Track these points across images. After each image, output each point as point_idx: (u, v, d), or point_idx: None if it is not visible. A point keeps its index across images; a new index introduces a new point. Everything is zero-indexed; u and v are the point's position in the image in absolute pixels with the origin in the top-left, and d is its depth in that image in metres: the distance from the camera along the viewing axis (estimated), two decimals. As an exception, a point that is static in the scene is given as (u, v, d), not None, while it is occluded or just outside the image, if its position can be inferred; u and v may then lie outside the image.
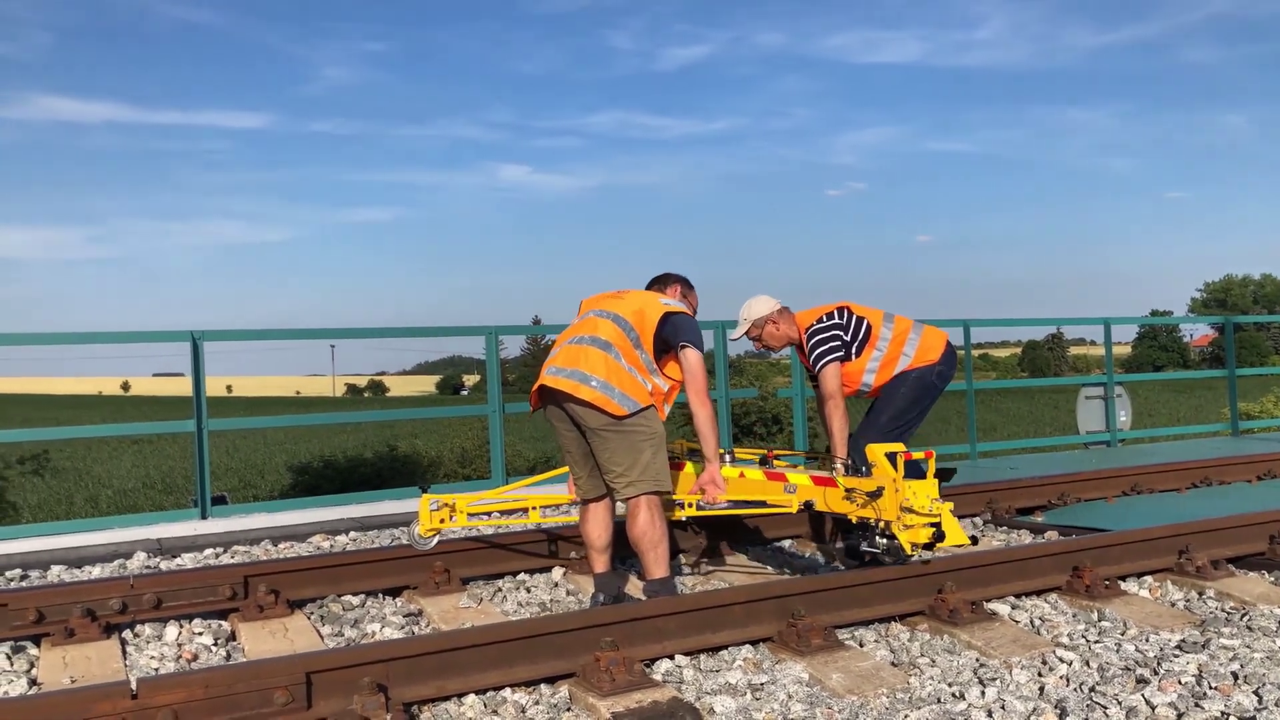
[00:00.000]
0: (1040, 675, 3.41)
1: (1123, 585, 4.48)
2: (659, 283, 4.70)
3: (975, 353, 11.24)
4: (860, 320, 5.07)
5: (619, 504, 4.36)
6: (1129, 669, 3.42)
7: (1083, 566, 4.39)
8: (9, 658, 3.85)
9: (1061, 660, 3.54)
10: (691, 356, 4.24)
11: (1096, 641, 3.76)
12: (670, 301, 4.40)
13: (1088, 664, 3.50)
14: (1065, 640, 3.79)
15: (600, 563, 4.42)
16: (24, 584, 5.10)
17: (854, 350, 5.01)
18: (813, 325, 5.08)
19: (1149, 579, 4.65)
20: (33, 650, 3.96)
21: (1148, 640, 3.74)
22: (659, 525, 4.18)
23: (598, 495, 4.39)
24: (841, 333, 5.03)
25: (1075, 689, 3.27)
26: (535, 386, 4.36)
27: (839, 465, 4.55)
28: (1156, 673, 3.37)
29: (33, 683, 3.63)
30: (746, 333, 5.20)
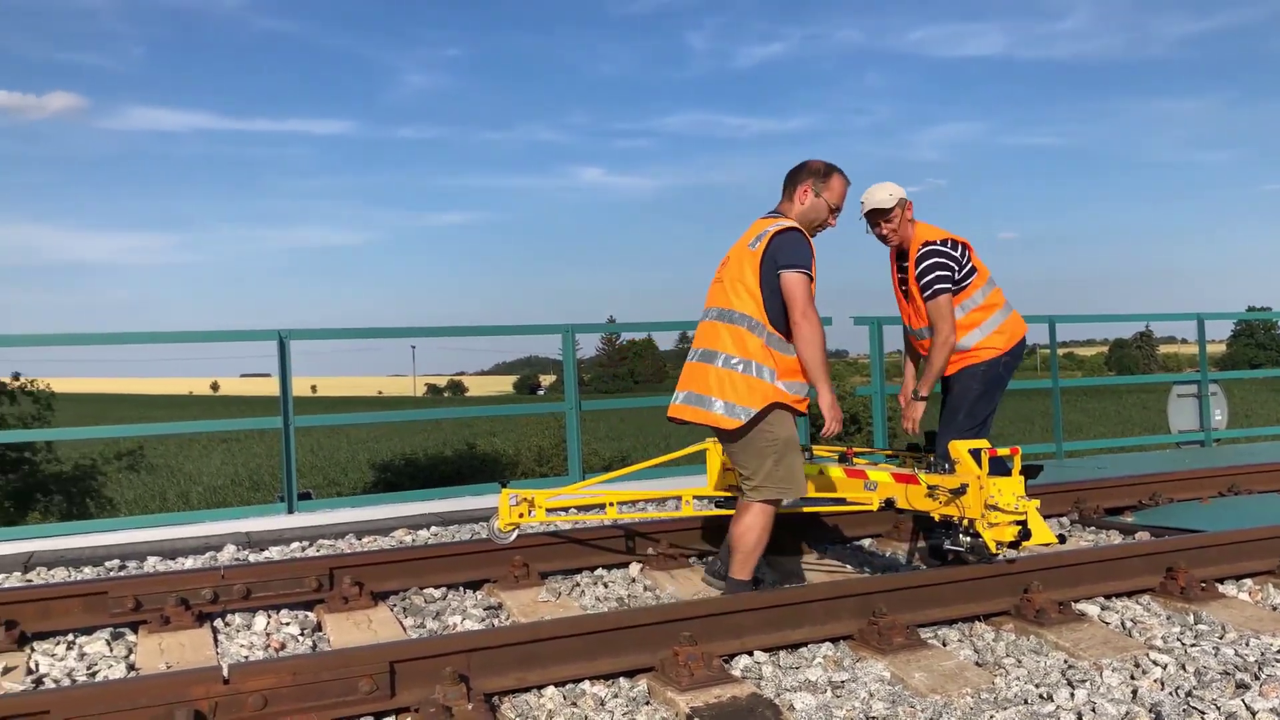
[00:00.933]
0: (1133, 678, 3.31)
1: (1220, 588, 4.32)
2: (788, 185, 4.30)
3: (1061, 352, 10.95)
4: (971, 269, 4.82)
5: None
6: (1228, 673, 3.30)
7: (1177, 568, 4.25)
8: (109, 644, 3.99)
9: (1155, 663, 3.43)
10: (789, 279, 4.00)
11: (1193, 645, 3.63)
12: (779, 225, 4.09)
13: (1183, 667, 3.39)
14: (1159, 643, 3.67)
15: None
16: (122, 574, 5.28)
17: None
18: (931, 243, 4.77)
19: (1248, 582, 4.48)
20: (131, 637, 4.10)
21: (1248, 644, 3.59)
22: (760, 533, 4.10)
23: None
24: (955, 267, 4.76)
25: (1170, 693, 3.16)
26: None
27: (921, 462, 4.48)
28: (1257, 677, 3.24)
29: (131, 668, 3.76)
30: (889, 210, 4.82)
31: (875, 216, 4.88)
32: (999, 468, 4.02)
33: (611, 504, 4.93)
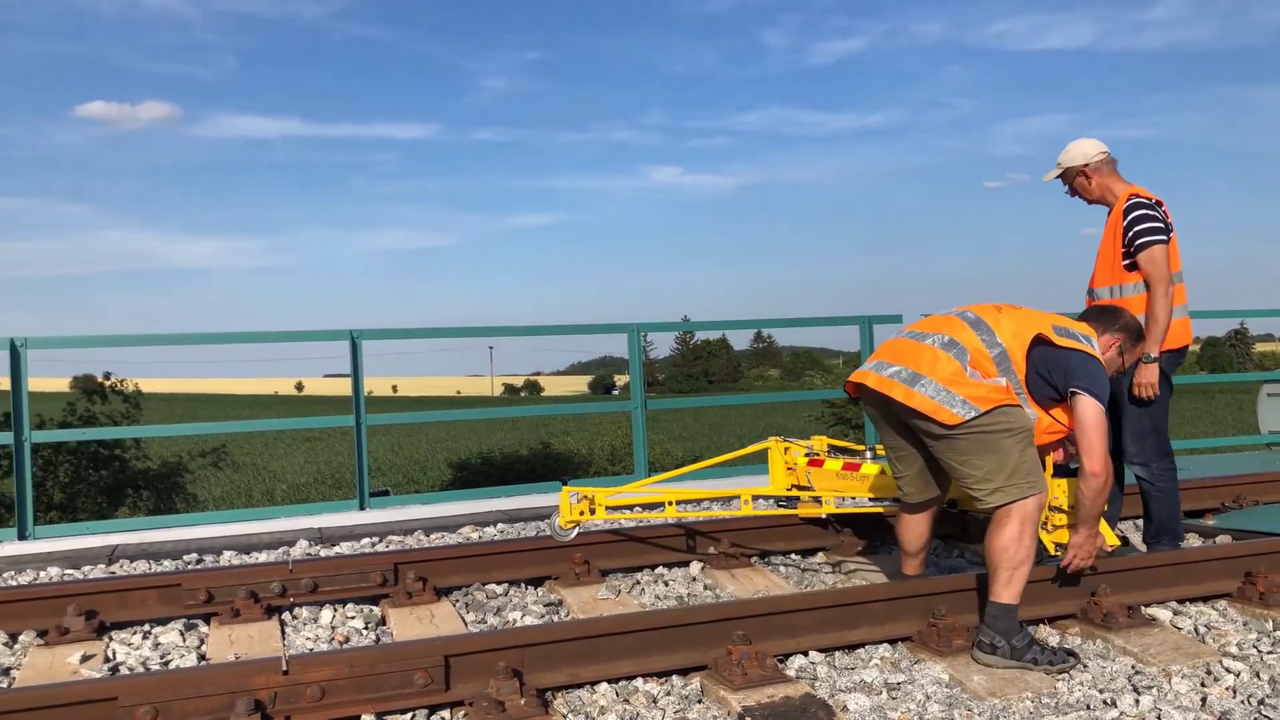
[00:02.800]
0: (1203, 685, 3.20)
1: (1302, 593, 4.15)
2: (1104, 321, 3.93)
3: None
4: (1173, 238, 4.59)
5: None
6: (1305, 682, 3.17)
7: (1256, 572, 4.10)
8: (182, 634, 4.12)
9: (1228, 670, 3.32)
10: (1089, 406, 3.48)
11: (1269, 652, 3.50)
12: (1091, 349, 3.62)
13: (1258, 675, 3.27)
14: (1233, 650, 3.55)
15: (910, 565, 4.13)
16: (197, 567, 5.45)
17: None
18: (1138, 196, 4.59)
19: (1333, 587, 4.30)
20: (203, 628, 4.23)
21: (1328, 652, 3.45)
22: (1027, 543, 3.44)
23: (923, 500, 3.96)
24: (1165, 225, 4.53)
25: (1242, 701, 3.05)
26: (853, 377, 3.91)
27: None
28: (1336, 687, 3.11)
29: (201, 657, 3.88)
30: (1083, 166, 4.69)
31: (1071, 173, 4.75)
32: (1063, 469, 3.92)
33: (671, 503, 4.93)
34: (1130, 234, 4.53)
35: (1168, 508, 4.68)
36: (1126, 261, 4.57)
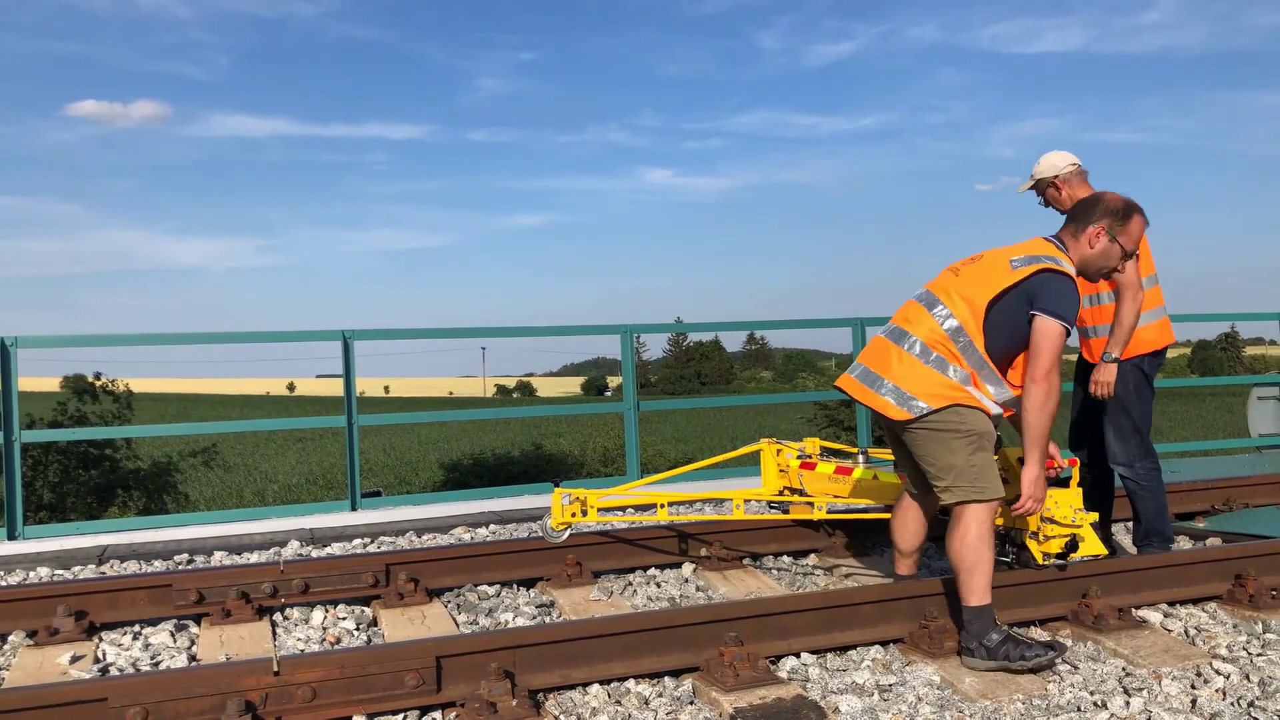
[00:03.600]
0: (1193, 687, 3.22)
1: (1292, 596, 4.17)
2: (1078, 219, 3.73)
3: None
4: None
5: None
6: (1294, 684, 3.18)
7: (1246, 575, 4.11)
8: (173, 635, 4.11)
9: (1218, 673, 3.33)
10: (1044, 326, 3.41)
11: (1259, 654, 3.51)
12: (1059, 266, 3.52)
13: (1247, 678, 3.28)
14: (1223, 652, 3.56)
15: (904, 565, 4.07)
16: (188, 567, 5.43)
17: None
18: None
19: (1322, 590, 4.32)
20: (194, 628, 4.22)
21: (1317, 654, 3.47)
22: (974, 544, 3.43)
23: (919, 491, 3.94)
24: None
25: (1232, 703, 3.06)
26: (838, 380, 3.93)
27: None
28: (1325, 689, 3.12)
29: (192, 658, 3.86)
30: (1032, 187, 4.82)
31: (1043, 185, 4.82)
32: (1052, 480, 3.93)
33: (662, 505, 4.93)
34: None
35: (1154, 507, 4.71)
36: None
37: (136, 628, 4.21)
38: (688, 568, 4.93)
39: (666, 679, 3.38)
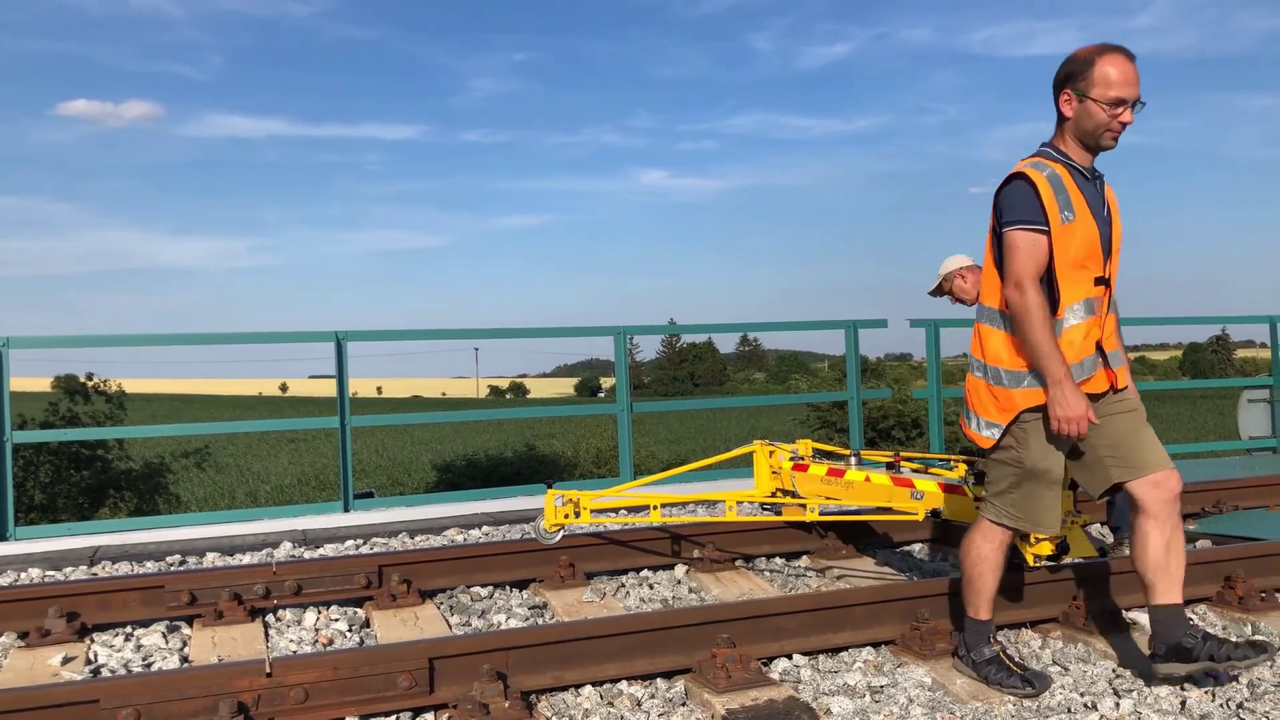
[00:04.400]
0: (1183, 689, 3.23)
1: (1281, 598, 4.19)
2: (1055, 101, 3.28)
3: (1132, 355, 10.70)
4: None
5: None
6: (1283, 685, 3.20)
7: (1235, 576, 4.13)
8: (165, 636, 4.10)
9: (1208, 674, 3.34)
10: (1006, 240, 3.14)
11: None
12: (1010, 173, 3.22)
13: (1237, 679, 3.29)
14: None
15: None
16: (180, 568, 5.42)
17: None
18: None
19: (1311, 592, 4.34)
20: (186, 630, 4.21)
21: (1306, 656, 3.49)
22: (974, 556, 3.34)
23: (1106, 491, 3.41)
24: None
25: (1221, 704, 3.08)
26: None
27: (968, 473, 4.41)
28: (1314, 690, 3.14)
29: (184, 659, 3.86)
30: (939, 286, 5.21)
31: (947, 284, 5.23)
32: None
33: (655, 506, 4.94)
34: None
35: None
36: None
37: (128, 629, 4.20)
38: (680, 569, 4.93)
39: (659, 680, 3.39)
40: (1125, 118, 3.15)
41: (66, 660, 3.74)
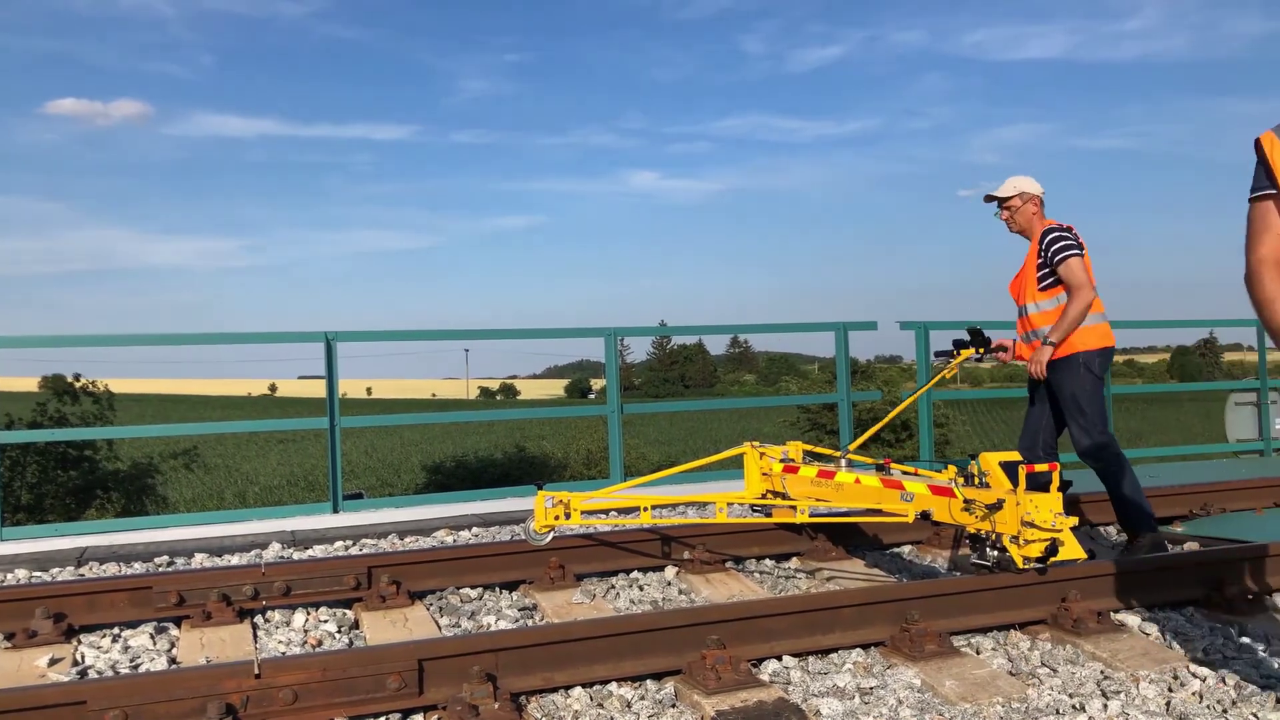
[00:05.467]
0: (1170, 690, 3.25)
1: (1268, 600, 4.21)
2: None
3: (1120, 358, 10.76)
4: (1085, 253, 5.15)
5: None
6: (1269, 687, 3.22)
7: (1224, 579, 4.15)
8: (153, 637, 4.08)
9: (1195, 675, 3.36)
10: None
11: (1234, 658, 3.55)
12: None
13: (1224, 681, 3.31)
14: (1200, 655, 3.59)
15: None
16: (168, 569, 5.40)
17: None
18: (1053, 226, 5.21)
19: (1298, 594, 4.37)
20: (174, 631, 4.19)
21: (1292, 658, 3.51)
22: None
23: None
24: (1076, 240, 5.12)
25: (1208, 706, 3.09)
26: None
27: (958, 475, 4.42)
28: (1300, 692, 3.16)
29: (172, 661, 3.84)
30: (1007, 199, 5.33)
31: (1018, 200, 5.34)
32: (1034, 482, 3.96)
33: (645, 508, 4.94)
34: (1050, 253, 5.13)
35: (1130, 483, 5.02)
36: (1047, 281, 5.15)
37: (116, 630, 4.18)
38: (670, 571, 4.93)
39: (649, 682, 3.39)
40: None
41: (53, 662, 3.72)
